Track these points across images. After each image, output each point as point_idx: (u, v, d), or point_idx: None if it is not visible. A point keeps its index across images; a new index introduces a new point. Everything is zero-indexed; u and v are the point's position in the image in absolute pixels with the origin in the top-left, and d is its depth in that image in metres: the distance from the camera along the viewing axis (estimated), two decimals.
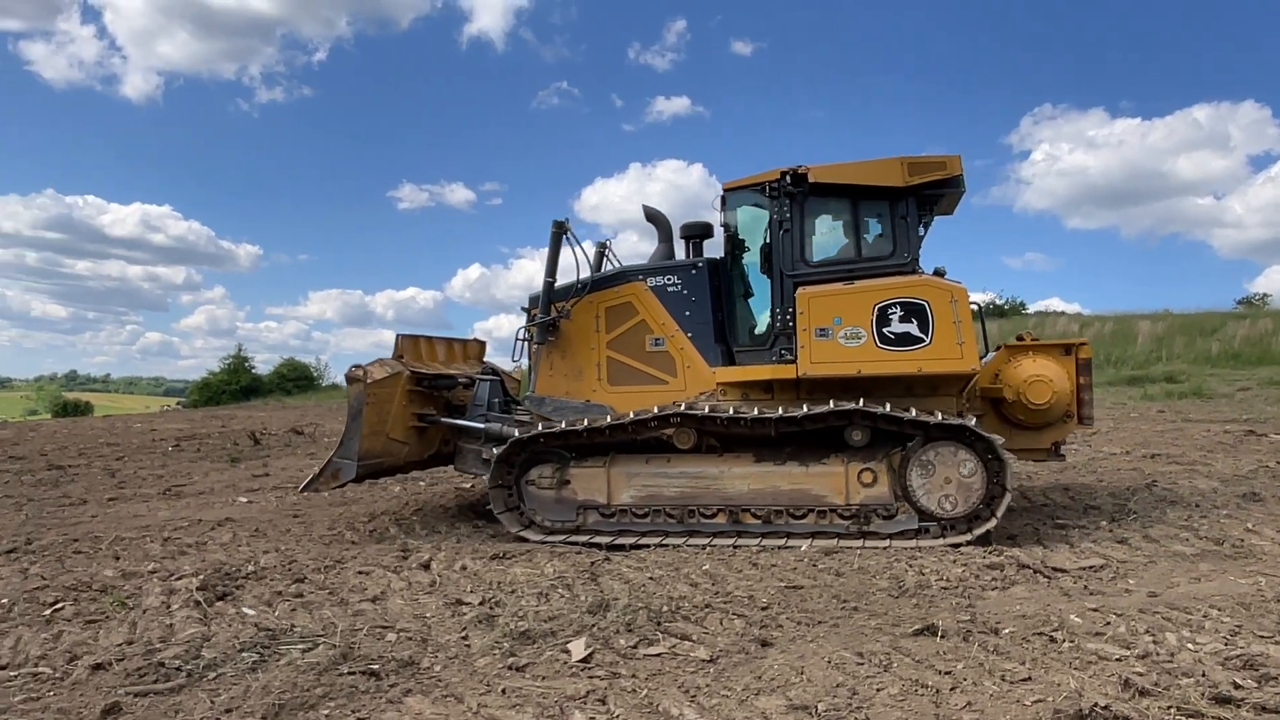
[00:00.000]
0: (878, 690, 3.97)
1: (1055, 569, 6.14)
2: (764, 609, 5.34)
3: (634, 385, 8.17)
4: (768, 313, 7.91)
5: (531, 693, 4.07)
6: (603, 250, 9.34)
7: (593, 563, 6.63)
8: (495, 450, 7.86)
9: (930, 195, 7.57)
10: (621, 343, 8.24)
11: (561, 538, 7.67)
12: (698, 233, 8.48)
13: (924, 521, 7.16)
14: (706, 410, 7.42)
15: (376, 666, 4.44)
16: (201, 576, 6.21)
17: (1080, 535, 7.30)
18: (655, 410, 7.56)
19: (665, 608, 5.33)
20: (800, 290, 7.48)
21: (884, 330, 7.17)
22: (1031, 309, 45.85)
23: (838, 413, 7.15)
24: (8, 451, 16.29)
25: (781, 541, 7.15)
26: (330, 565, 6.79)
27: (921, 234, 7.61)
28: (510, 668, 4.42)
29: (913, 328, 7.12)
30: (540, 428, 7.83)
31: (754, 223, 8.10)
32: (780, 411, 7.21)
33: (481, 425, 8.52)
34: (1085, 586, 5.75)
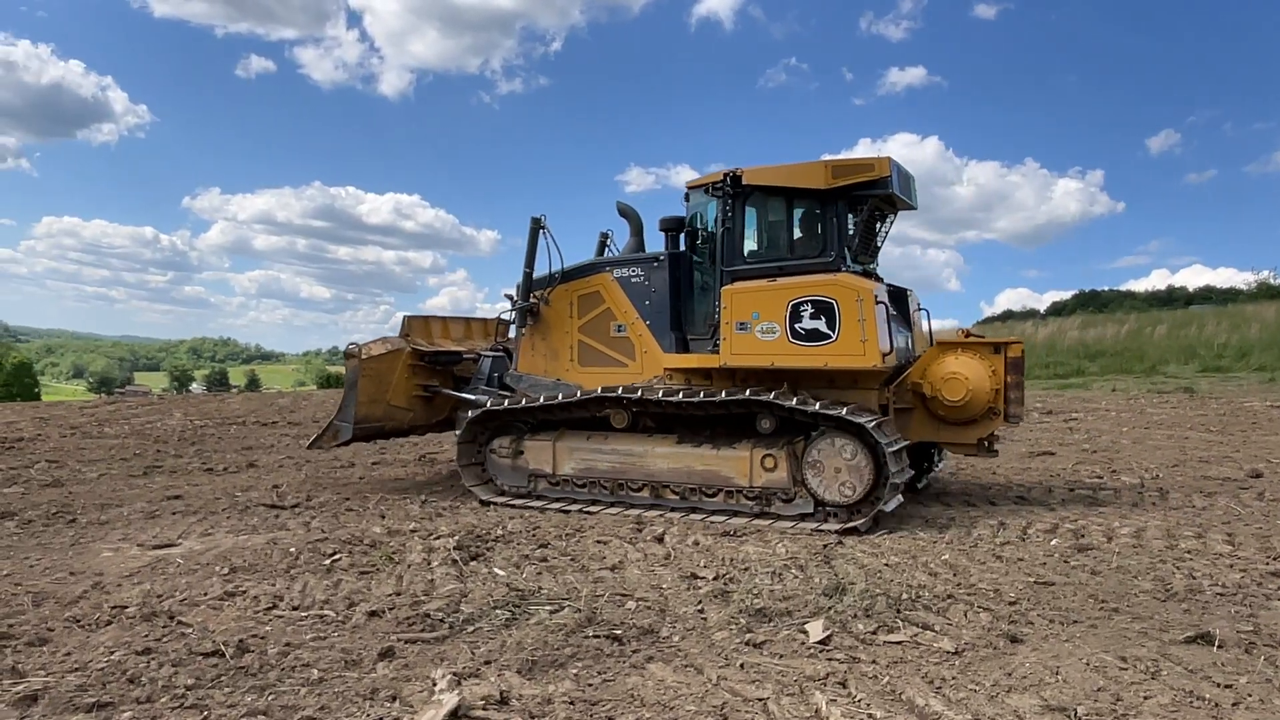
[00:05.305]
0: (1145, 698, 3.70)
1: None
2: (1012, 604, 5.09)
3: (599, 367, 8.88)
4: None
5: (770, 670, 4.10)
6: (604, 240, 9.96)
7: (825, 545, 6.58)
8: (465, 420, 8.84)
9: (859, 196, 7.78)
10: (590, 328, 8.96)
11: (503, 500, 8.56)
12: (673, 226, 8.89)
13: (819, 506, 7.44)
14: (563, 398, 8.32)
15: (619, 632, 4.62)
16: (457, 537, 6.71)
17: None
18: (558, 399, 8.36)
19: (904, 595, 5.20)
20: (725, 286, 7.91)
21: (796, 326, 7.56)
22: None
23: (741, 401, 7.54)
24: (286, 418, 18.23)
25: (700, 517, 7.61)
26: (570, 533, 7.14)
27: (851, 231, 7.86)
28: (748, 643, 4.47)
29: (821, 324, 7.47)
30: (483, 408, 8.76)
31: (711, 219, 8.51)
32: (660, 395, 7.80)
33: (474, 397, 9.42)
34: None
